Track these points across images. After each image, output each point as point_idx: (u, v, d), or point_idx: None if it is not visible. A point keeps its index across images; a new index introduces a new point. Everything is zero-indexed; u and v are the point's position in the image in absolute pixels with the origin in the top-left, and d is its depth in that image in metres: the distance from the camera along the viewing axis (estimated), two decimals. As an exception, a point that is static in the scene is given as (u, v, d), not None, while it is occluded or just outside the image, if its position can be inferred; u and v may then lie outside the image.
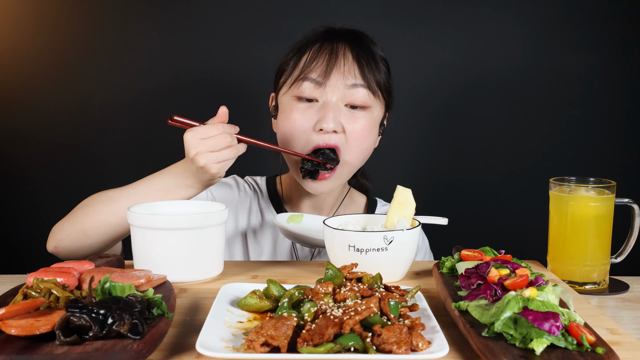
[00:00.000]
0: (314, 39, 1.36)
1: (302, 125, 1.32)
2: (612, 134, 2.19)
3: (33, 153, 2.19)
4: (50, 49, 2.16)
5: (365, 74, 1.32)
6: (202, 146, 1.13)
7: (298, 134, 1.32)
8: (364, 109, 1.33)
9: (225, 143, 1.15)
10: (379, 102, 1.36)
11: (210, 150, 1.14)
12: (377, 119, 1.37)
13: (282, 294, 0.88)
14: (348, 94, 1.31)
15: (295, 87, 1.33)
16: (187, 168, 1.19)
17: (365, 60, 1.33)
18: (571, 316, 0.77)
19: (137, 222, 1.06)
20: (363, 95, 1.31)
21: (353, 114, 1.32)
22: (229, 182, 1.52)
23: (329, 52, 1.32)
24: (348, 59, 1.31)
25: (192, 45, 2.17)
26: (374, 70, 1.33)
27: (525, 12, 2.16)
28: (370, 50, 1.35)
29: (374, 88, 1.33)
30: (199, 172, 1.16)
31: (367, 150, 1.36)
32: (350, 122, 1.32)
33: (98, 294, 0.80)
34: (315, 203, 1.46)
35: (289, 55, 1.38)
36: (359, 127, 1.32)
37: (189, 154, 1.15)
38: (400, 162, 2.20)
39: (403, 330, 0.74)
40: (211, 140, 1.14)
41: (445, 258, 1.05)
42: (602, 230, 1.17)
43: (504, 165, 2.21)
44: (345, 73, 1.31)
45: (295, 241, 1.30)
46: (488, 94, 2.19)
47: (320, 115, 1.30)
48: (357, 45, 1.34)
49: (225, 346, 0.75)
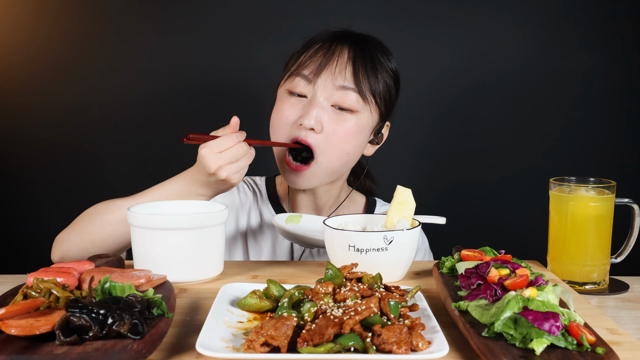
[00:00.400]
0: (320, 37, 1.37)
1: (287, 117, 1.33)
2: (612, 134, 2.19)
3: (33, 153, 2.19)
4: (50, 49, 2.16)
5: (358, 77, 1.30)
6: (222, 160, 1.15)
7: (281, 125, 1.34)
8: (351, 112, 1.32)
9: (243, 152, 1.18)
10: (369, 109, 1.34)
11: (230, 162, 1.16)
12: (365, 125, 1.34)
13: (282, 294, 0.88)
14: (336, 94, 1.30)
15: (289, 81, 1.35)
16: (197, 178, 1.20)
17: (362, 64, 1.31)
18: (571, 316, 0.77)
19: (137, 222, 1.06)
20: (351, 99, 1.30)
21: (338, 115, 1.31)
22: None
23: (326, 51, 1.32)
24: (343, 60, 1.31)
25: (193, 46, 2.17)
26: (370, 76, 1.32)
27: (526, 12, 2.16)
28: (372, 56, 1.34)
29: (365, 94, 1.31)
30: (219, 184, 1.19)
31: (347, 154, 1.34)
32: (333, 122, 1.31)
33: (98, 294, 0.80)
34: (314, 203, 1.46)
35: (297, 50, 1.39)
36: (341, 129, 1.31)
37: (209, 169, 1.16)
38: (400, 162, 2.20)
39: (403, 330, 0.74)
40: (229, 152, 1.16)
41: (445, 258, 1.05)
42: (602, 230, 1.17)
43: (504, 166, 2.21)
44: (336, 74, 1.30)
45: (294, 242, 1.30)
46: (488, 94, 2.19)
47: (304, 110, 1.31)
48: (359, 49, 1.33)
49: (225, 346, 0.75)
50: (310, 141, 1.30)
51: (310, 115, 1.29)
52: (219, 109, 2.18)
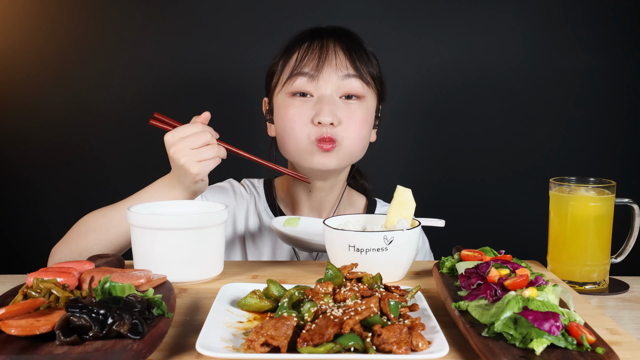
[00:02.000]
0: (301, 38, 1.38)
1: (300, 119, 1.32)
2: (612, 134, 2.19)
3: (33, 153, 2.19)
4: (50, 49, 2.16)
5: (357, 65, 1.34)
6: (182, 144, 1.14)
7: (297, 127, 1.32)
8: (358, 99, 1.35)
9: (205, 140, 1.15)
10: (372, 93, 1.38)
11: (190, 148, 1.14)
12: (372, 109, 1.39)
13: (282, 294, 0.88)
14: (342, 85, 1.33)
15: (289, 84, 1.34)
16: (172, 178, 1.20)
17: (356, 52, 1.35)
18: (571, 316, 0.77)
19: (137, 222, 1.06)
20: (357, 85, 1.34)
21: (349, 105, 1.34)
22: (225, 186, 1.52)
23: (319, 47, 1.34)
24: (339, 52, 1.34)
25: (192, 46, 2.17)
26: (366, 62, 1.36)
27: (526, 12, 2.16)
28: (358, 44, 1.38)
29: (367, 79, 1.35)
30: (181, 174, 1.16)
31: (365, 138, 1.38)
32: (347, 113, 1.33)
33: (98, 294, 0.80)
34: (314, 203, 1.46)
35: (278, 57, 1.40)
36: (356, 117, 1.34)
37: (168, 152, 1.15)
38: (400, 162, 2.20)
39: (403, 330, 0.74)
40: (190, 137, 1.15)
41: (445, 258, 1.05)
42: (602, 230, 1.17)
43: (504, 165, 2.21)
44: (338, 65, 1.33)
45: (293, 246, 1.30)
46: (488, 93, 2.19)
47: (317, 109, 1.31)
48: (346, 40, 1.36)
49: (225, 346, 0.75)
50: (333, 135, 1.32)
51: (325, 111, 1.30)
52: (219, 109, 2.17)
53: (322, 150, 1.32)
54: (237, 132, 2.16)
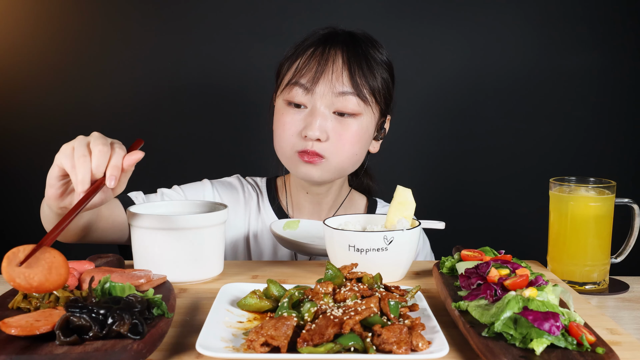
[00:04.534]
0: (310, 41, 1.35)
1: (290, 129, 1.32)
2: (612, 134, 2.19)
3: (33, 153, 2.19)
4: (50, 49, 2.16)
5: (355, 80, 1.30)
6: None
7: (285, 137, 1.33)
8: (353, 116, 1.31)
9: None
10: (370, 109, 1.34)
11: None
12: (368, 125, 1.35)
13: (282, 294, 0.88)
14: (336, 101, 1.30)
15: (286, 91, 1.33)
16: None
17: (358, 65, 1.31)
18: (571, 316, 0.77)
19: (137, 222, 1.06)
20: (352, 103, 1.30)
21: (341, 121, 1.31)
22: (234, 182, 1.52)
23: (320, 57, 1.31)
24: (338, 65, 1.30)
25: (192, 46, 2.17)
26: (367, 76, 1.31)
27: (526, 12, 2.16)
28: (366, 54, 1.33)
29: (365, 95, 1.31)
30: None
31: (355, 155, 1.35)
32: (338, 129, 1.30)
33: (98, 294, 0.80)
34: (315, 203, 1.46)
35: (287, 55, 1.38)
36: (347, 134, 1.31)
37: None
38: (400, 162, 2.20)
39: (403, 330, 0.74)
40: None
41: (445, 258, 1.05)
42: (602, 230, 1.17)
43: (504, 165, 2.21)
44: (334, 80, 1.29)
45: (293, 250, 1.29)
46: (488, 93, 2.19)
47: (307, 122, 1.30)
48: (351, 50, 1.32)
49: (225, 346, 0.75)
50: (318, 150, 1.30)
51: (313, 126, 1.28)
52: (219, 110, 2.18)
53: (304, 162, 1.31)
54: (236, 133, 2.16)
